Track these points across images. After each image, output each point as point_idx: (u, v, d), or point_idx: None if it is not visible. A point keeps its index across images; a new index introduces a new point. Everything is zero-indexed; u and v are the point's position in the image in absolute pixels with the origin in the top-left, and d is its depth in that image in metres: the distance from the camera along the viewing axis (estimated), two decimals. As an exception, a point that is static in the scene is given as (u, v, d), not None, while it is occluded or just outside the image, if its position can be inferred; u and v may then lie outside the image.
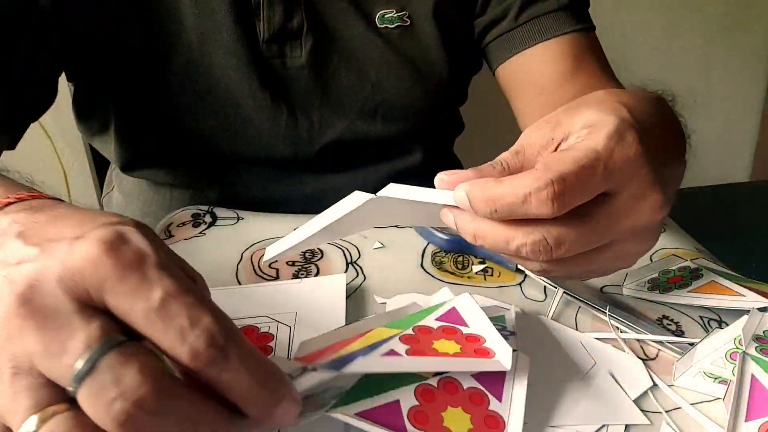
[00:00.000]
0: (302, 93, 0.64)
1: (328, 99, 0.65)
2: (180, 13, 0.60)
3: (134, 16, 0.60)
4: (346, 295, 0.45)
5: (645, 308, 0.46)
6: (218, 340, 0.24)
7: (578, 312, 0.45)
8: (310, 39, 0.62)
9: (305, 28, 0.62)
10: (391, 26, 0.64)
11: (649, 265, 0.50)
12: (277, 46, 0.62)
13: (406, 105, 0.67)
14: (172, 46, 0.61)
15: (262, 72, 0.62)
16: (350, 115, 0.66)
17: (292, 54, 0.62)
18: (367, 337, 0.34)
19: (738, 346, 0.38)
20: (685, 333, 0.44)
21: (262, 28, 0.61)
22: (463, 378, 0.34)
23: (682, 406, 0.37)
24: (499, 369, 0.33)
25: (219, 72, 0.61)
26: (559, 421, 0.35)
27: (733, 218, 0.57)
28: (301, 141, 0.66)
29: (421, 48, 0.65)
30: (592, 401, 0.36)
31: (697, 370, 0.39)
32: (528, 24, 0.65)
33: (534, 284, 0.48)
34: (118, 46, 0.61)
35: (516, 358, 0.36)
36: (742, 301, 0.43)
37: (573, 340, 0.42)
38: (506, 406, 0.33)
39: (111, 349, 0.23)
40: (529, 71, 0.66)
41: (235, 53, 0.61)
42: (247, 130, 0.64)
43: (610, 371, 0.39)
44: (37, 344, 0.23)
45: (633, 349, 0.41)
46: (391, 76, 0.65)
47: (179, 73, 0.61)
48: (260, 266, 0.50)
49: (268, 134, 0.65)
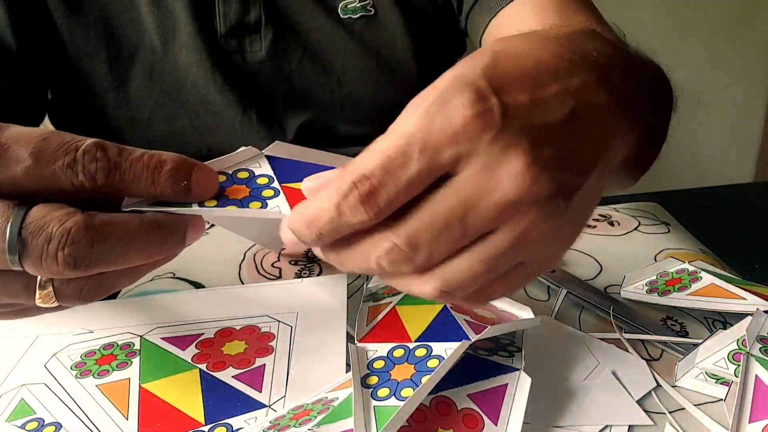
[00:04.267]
0: (265, 87, 0.63)
1: (293, 93, 0.64)
2: (140, 14, 0.60)
3: (95, 26, 0.60)
4: (348, 295, 0.45)
5: (649, 309, 0.46)
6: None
7: (582, 312, 0.45)
8: (269, 32, 0.61)
9: (263, 21, 0.61)
10: (354, 16, 0.63)
11: (647, 268, 0.50)
12: (236, 41, 0.61)
13: (373, 97, 0.65)
14: (135, 50, 0.60)
15: (225, 68, 0.61)
16: (315, 107, 0.65)
17: (251, 48, 0.62)
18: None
19: (741, 347, 0.38)
20: (689, 334, 0.43)
21: (219, 23, 0.60)
22: (458, 398, 0.33)
23: (686, 407, 0.37)
24: None
25: (184, 71, 0.61)
26: (563, 421, 0.35)
27: (736, 219, 0.56)
28: (275, 133, 0.65)
29: (386, 37, 0.64)
30: (596, 401, 0.36)
31: (698, 372, 0.38)
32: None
33: (537, 284, 0.48)
34: (82, 56, 0.60)
35: (518, 377, 0.35)
36: (743, 304, 0.42)
37: (576, 340, 0.41)
38: (502, 428, 0.32)
39: (26, 213, 0.27)
40: (508, 29, 0.60)
41: (195, 49, 0.60)
42: (219, 126, 0.64)
43: (613, 371, 0.38)
44: None
45: (636, 350, 0.41)
46: (357, 67, 0.64)
47: (144, 76, 0.61)
48: (263, 266, 0.50)
49: (240, 128, 0.64)
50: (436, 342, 0.35)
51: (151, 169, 0.29)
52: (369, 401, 0.31)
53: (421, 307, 0.38)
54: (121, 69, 0.61)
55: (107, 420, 0.35)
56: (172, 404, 0.35)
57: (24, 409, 0.35)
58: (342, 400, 0.33)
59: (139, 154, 0.29)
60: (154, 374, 0.38)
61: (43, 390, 0.37)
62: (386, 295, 0.42)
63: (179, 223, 0.30)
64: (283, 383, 0.37)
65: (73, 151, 0.28)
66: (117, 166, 0.29)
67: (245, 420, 0.34)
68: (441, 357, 0.33)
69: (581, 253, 0.53)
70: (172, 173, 0.30)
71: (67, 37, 0.60)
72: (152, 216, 0.30)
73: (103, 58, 0.60)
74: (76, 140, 0.28)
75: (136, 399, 0.36)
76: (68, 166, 0.28)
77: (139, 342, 0.40)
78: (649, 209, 0.61)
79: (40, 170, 0.27)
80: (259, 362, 0.38)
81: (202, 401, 0.36)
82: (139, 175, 0.29)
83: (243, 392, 0.36)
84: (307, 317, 0.42)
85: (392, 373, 0.33)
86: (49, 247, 0.27)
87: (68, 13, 0.59)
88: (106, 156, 0.28)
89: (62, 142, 0.28)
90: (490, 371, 0.35)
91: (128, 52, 0.61)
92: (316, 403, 0.34)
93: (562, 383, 0.37)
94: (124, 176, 0.29)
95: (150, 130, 0.64)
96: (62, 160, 0.27)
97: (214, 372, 0.38)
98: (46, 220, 0.27)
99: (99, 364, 0.38)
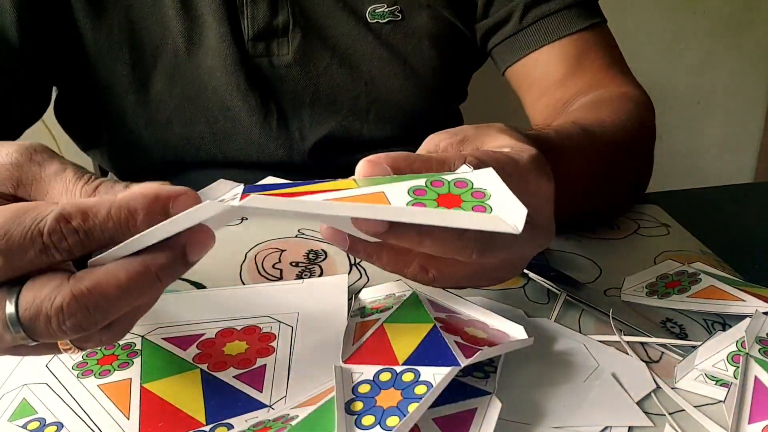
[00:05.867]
0: (291, 91, 0.63)
1: (319, 97, 0.64)
2: (165, 17, 0.59)
3: (119, 27, 0.60)
4: (349, 296, 0.45)
5: (648, 311, 0.46)
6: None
7: (581, 315, 0.45)
8: (297, 36, 0.61)
9: (291, 24, 0.61)
10: (382, 21, 0.63)
11: (647, 271, 0.50)
12: (264, 45, 0.61)
13: (399, 102, 0.66)
14: (158, 52, 0.60)
15: (250, 72, 0.61)
16: (342, 112, 0.65)
17: (279, 52, 0.62)
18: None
19: (740, 348, 0.38)
20: (689, 336, 0.43)
21: (247, 27, 0.60)
22: (423, 422, 0.32)
23: (686, 409, 0.37)
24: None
25: (206, 75, 0.61)
26: (562, 422, 0.35)
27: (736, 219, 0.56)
28: (294, 141, 0.65)
29: (413, 43, 0.64)
30: (595, 402, 0.36)
31: (698, 373, 0.38)
32: (532, 27, 0.64)
33: (537, 287, 0.48)
34: (105, 57, 0.60)
35: (489, 402, 0.34)
36: (742, 306, 0.42)
37: (576, 342, 0.41)
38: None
39: (18, 300, 0.27)
40: (533, 73, 0.66)
41: (220, 54, 0.60)
42: (237, 133, 0.64)
43: (613, 373, 0.39)
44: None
45: (636, 352, 0.41)
46: (384, 72, 0.64)
47: (166, 79, 0.61)
48: (264, 266, 0.50)
49: (258, 136, 0.64)
50: (425, 366, 0.33)
51: (124, 223, 0.29)
52: (353, 430, 0.30)
53: (410, 326, 0.37)
54: (143, 71, 0.61)
55: (108, 420, 0.35)
56: (173, 404, 0.35)
57: (25, 409, 0.36)
58: (301, 420, 0.32)
59: (105, 213, 0.28)
60: (156, 374, 0.38)
61: (45, 390, 0.37)
62: (375, 311, 0.41)
63: (173, 251, 0.29)
64: (284, 383, 0.37)
65: (39, 237, 0.27)
66: (88, 232, 0.28)
67: (246, 420, 0.34)
68: (429, 383, 0.32)
69: (581, 256, 0.53)
70: (146, 219, 0.29)
71: (89, 37, 0.60)
72: (139, 261, 0.29)
73: (126, 59, 0.60)
74: (36, 222, 0.27)
75: (137, 399, 0.36)
76: (41, 252, 0.28)
77: (141, 342, 0.40)
78: (649, 211, 0.61)
79: (14, 264, 0.27)
80: (260, 362, 0.38)
81: (203, 401, 0.36)
82: (114, 233, 0.29)
83: (244, 392, 0.36)
84: (307, 318, 0.42)
85: (378, 399, 0.32)
86: (51, 326, 0.27)
87: (92, 13, 0.59)
88: (72, 229, 0.28)
89: (23, 231, 0.27)
90: (459, 394, 0.34)
91: (151, 54, 0.60)
92: (277, 420, 0.33)
93: (562, 385, 0.37)
94: (100, 238, 0.28)
95: (168, 134, 0.64)
96: (32, 250, 0.27)
97: (215, 372, 0.38)
98: (37, 303, 0.27)
99: (100, 364, 0.38)
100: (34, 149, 0.32)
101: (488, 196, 0.30)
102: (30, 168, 0.31)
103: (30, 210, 0.28)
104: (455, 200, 0.29)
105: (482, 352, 0.34)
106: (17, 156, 0.31)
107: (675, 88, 1.87)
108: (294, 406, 0.34)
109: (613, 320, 0.43)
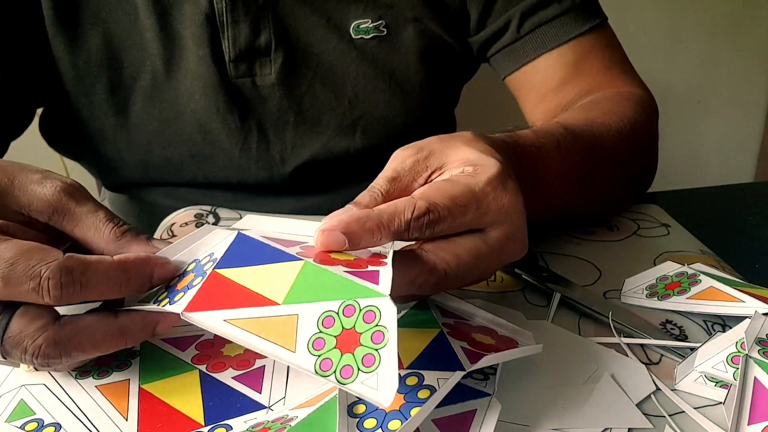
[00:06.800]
0: (275, 112, 0.62)
1: (303, 116, 0.63)
2: (144, 40, 0.59)
3: (96, 50, 0.59)
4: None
5: (648, 313, 0.46)
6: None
7: (581, 317, 0.45)
8: (280, 55, 0.60)
9: (274, 43, 0.60)
10: (366, 36, 0.62)
11: (647, 272, 0.49)
12: (246, 65, 0.60)
13: (386, 118, 0.64)
14: (136, 75, 0.59)
15: (229, 94, 0.60)
16: (327, 132, 0.64)
17: (261, 72, 0.60)
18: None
19: (740, 350, 0.38)
20: (689, 337, 0.43)
21: (228, 48, 0.59)
22: (422, 423, 0.32)
23: (686, 410, 0.37)
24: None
25: (184, 98, 0.60)
26: (562, 424, 0.35)
27: (736, 219, 0.56)
28: (274, 163, 0.64)
29: (399, 57, 0.63)
30: (595, 404, 0.36)
31: (697, 375, 0.38)
32: (530, 35, 0.63)
33: (536, 290, 0.48)
34: (83, 80, 0.60)
35: (489, 404, 0.34)
36: (743, 307, 0.42)
37: (575, 344, 0.41)
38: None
39: (8, 324, 0.32)
40: (532, 81, 0.65)
41: (199, 77, 0.59)
42: (217, 155, 0.63)
43: (612, 375, 0.38)
44: None
45: (636, 354, 0.41)
46: (369, 88, 0.63)
47: (144, 102, 0.60)
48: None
49: (239, 158, 0.63)
50: (429, 370, 0.33)
51: (117, 281, 0.33)
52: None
53: (416, 331, 0.37)
54: (122, 93, 0.60)
55: (107, 421, 0.35)
56: (171, 405, 0.35)
57: (23, 410, 0.35)
58: (300, 421, 0.32)
59: (104, 270, 0.33)
60: (154, 375, 0.38)
61: (43, 390, 0.37)
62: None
63: (146, 326, 0.34)
64: (283, 384, 0.37)
65: (37, 278, 0.31)
66: (83, 285, 0.32)
67: (245, 421, 0.34)
68: (432, 388, 0.32)
69: (580, 259, 0.52)
70: (138, 280, 0.34)
71: (67, 61, 0.59)
72: (117, 327, 0.34)
73: (104, 82, 0.60)
74: (41, 263, 0.31)
75: (135, 400, 0.36)
76: (33, 290, 0.31)
77: (139, 342, 0.40)
78: (649, 211, 0.61)
79: (9, 291, 0.31)
80: (259, 363, 0.38)
81: (202, 402, 0.36)
82: (104, 288, 0.33)
83: (243, 393, 0.36)
84: (306, 318, 0.42)
85: None
86: (25, 356, 0.32)
87: (69, 36, 0.58)
88: (71, 279, 0.31)
89: (27, 268, 0.31)
90: (459, 395, 0.34)
91: (129, 77, 0.60)
92: (276, 421, 0.33)
93: (562, 387, 0.37)
94: (89, 291, 0.32)
95: (148, 155, 0.63)
96: (27, 285, 0.31)
97: (214, 373, 0.38)
98: (21, 336, 0.32)
99: (98, 365, 0.38)
100: (74, 187, 0.37)
101: (385, 342, 0.28)
102: (68, 202, 0.36)
103: (41, 252, 0.32)
104: (354, 341, 0.29)
105: (487, 358, 0.34)
106: (59, 191, 0.36)
107: (675, 88, 1.87)
108: (293, 407, 0.34)
109: (613, 322, 0.43)
